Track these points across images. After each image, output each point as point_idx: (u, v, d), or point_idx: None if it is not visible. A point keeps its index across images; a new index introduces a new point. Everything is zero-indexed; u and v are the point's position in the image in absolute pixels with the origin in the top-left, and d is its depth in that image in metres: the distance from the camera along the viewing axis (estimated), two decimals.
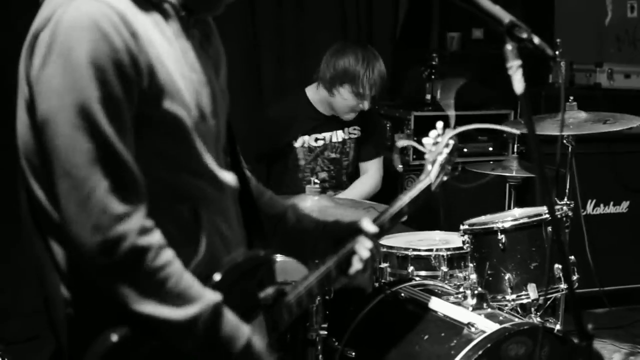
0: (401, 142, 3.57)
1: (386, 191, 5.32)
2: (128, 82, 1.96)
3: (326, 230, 2.63)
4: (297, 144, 4.98)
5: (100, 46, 1.91)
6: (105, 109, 1.92)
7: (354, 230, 2.56)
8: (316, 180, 4.03)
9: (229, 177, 2.30)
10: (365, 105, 4.90)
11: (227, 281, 2.16)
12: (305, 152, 5.01)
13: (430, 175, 2.64)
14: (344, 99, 4.88)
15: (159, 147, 2.07)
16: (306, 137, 5.00)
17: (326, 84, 4.89)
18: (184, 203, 2.14)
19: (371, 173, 5.23)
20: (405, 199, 2.65)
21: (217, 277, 2.15)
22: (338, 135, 5.08)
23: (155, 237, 1.99)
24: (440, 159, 2.66)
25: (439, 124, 2.69)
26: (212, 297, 2.07)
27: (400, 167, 3.28)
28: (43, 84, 1.93)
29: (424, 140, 2.70)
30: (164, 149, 2.07)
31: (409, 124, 5.87)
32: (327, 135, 5.05)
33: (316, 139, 5.02)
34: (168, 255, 2.01)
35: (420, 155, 5.76)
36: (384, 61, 4.99)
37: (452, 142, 2.68)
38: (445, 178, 2.67)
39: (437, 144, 2.67)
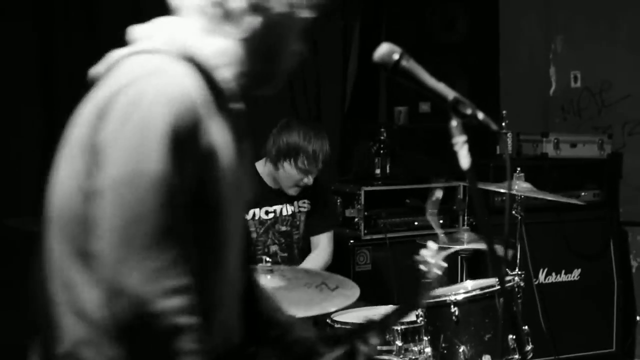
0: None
1: (337, 265, 5.31)
2: (194, 162, 1.96)
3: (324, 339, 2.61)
4: (248, 216, 4.97)
5: (180, 123, 1.91)
6: (173, 184, 1.90)
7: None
8: (267, 259, 4.01)
9: (240, 276, 2.30)
10: (310, 180, 4.93)
11: None
12: (257, 224, 5.01)
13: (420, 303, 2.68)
14: (288, 174, 4.92)
15: (202, 236, 2.05)
16: (257, 210, 5.00)
17: (272, 158, 4.93)
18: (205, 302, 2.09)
19: (322, 246, 5.23)
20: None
21: None
22: (288, 209, 5.09)
23: (194, 319, 1.95)
24: (431, 281, 2.69)
25: (432, 245, 2.70)
26: None
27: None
28: (115, 150, 1.90)
29: (417, 258, 2.72)
30: (205, 238, 2.06)
31: (360, 199, 5.88)
32: (277, 208, 5.06)
33: (267, 212, 5.03)
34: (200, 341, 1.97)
35: (372, 230, 5.80)
36: (333, 135, 5.03)
37: (444, 265, 2.71)
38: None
39: (430, 263, 2.69)
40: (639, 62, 6.91)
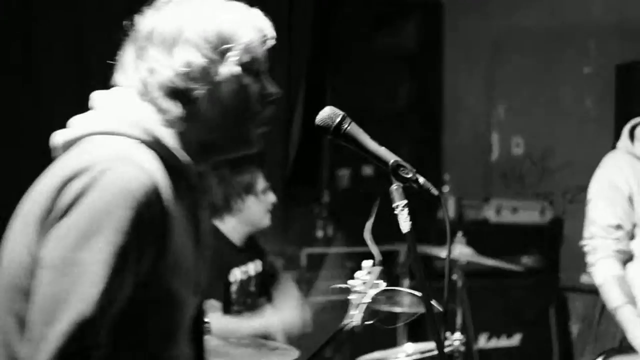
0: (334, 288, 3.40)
1: None
2: (143, 255, 1.94)
3: None
4: (232, 278, 4.90)
5: (129, 216, 1.89)
6: (111, 275, 1.88)
7: None
8: (207, 320, 3.96)
9: (189, 352, 2.28)
10: (271, 196, 4.92)
11: None
12: (237, 286, 4.92)
13: (355, 319, 2.58)
14: (256, 205, 4.87)
15: (151, 319, 2.05)
16: (237, 271, 4.92)
17: (232, 209, 4.87)
18: None
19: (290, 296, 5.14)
20: (326, 344, 2.60)
21: None
22: (250, 269, 5.02)
23: None
24: (366, 300, 2.60)
25: (366, 264, 2.65)
26: None
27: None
28: (61, 231, 1.90)
29: (350, 281, 2.64)
30: (153, 321, 2.06)
31: (301, 261, 5.88)
32: (248, 267, 4.98)
33: (242, 272, 4.95)
34: None
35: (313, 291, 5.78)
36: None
37: (380, 282, 2.63)
38: (371, 320, 2.61)
39: (365, 284, 2.62)
40: (579, 130, 7.02)
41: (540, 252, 6.75)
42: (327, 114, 2.21)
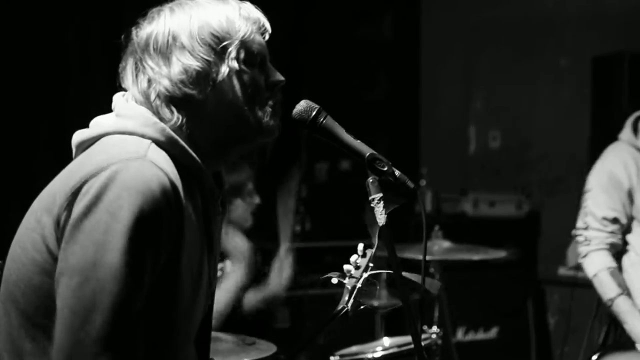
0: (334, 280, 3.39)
1: (255, 322, 5.26)
2: (160, 253, 1.95)
3: None
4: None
5: (148, 215, 1.90)
6: (133, 275, 1.90)
7: None
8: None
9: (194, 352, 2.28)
10: (257, 198, 4.91)
11: None
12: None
13: (348, 304, 2.61)
14: (243, 207, 4.85)
15: (157, 317, 2.03)
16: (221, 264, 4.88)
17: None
18: None
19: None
20: (320, 328, 2.63)
21: None
22: (227, 266, 4.98)
23: None
24: (359, 284, 2.63)
25: (360, 246, 2.66)
26: None
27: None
28: (83, 233, 1.90)
29: (345, 266, 2.65)
30: (159, 320, 2.05)
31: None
32: (221, 265, 4.94)
33: (218, 270, 4.90)
34: None
35: (291, 286, 5.77)
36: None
37: (372, 264, 2.65)
38: (363, 305, 2.64)
39: (358, 268, 2.65)
40: (556, 122, 7.02)
41: (518, 245, 6.75)
42: (303, 107, 2.21)
